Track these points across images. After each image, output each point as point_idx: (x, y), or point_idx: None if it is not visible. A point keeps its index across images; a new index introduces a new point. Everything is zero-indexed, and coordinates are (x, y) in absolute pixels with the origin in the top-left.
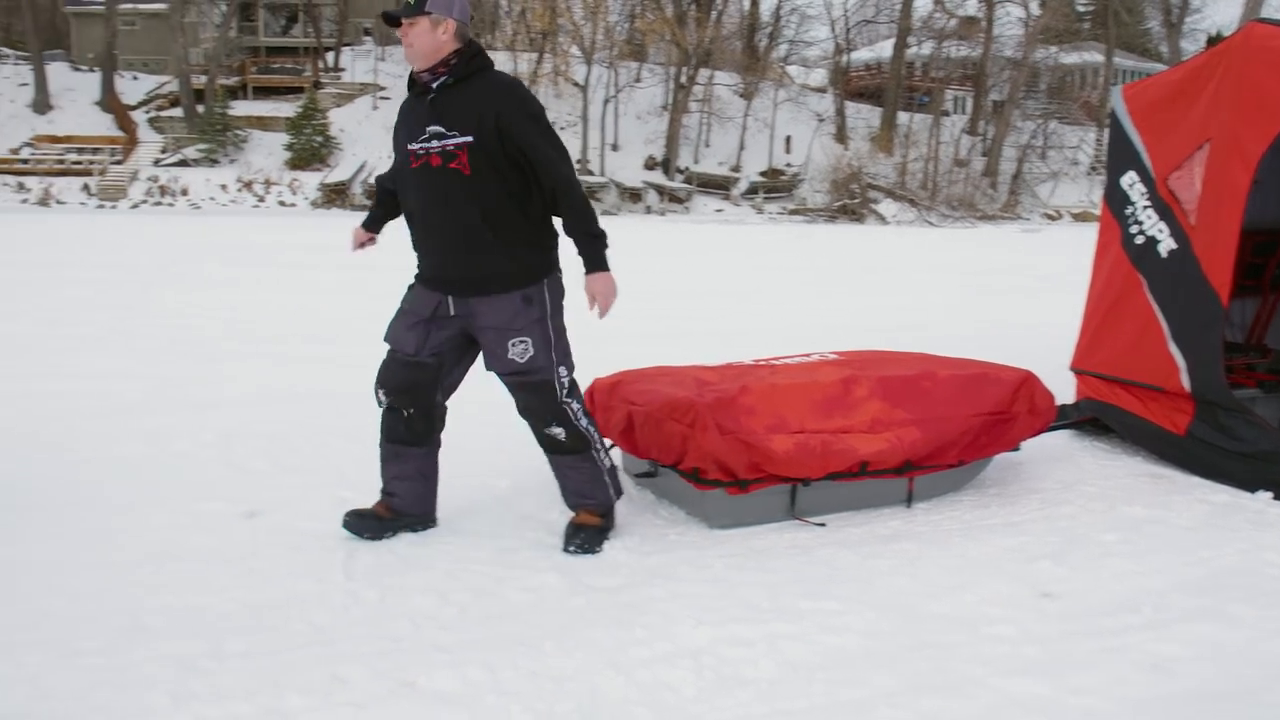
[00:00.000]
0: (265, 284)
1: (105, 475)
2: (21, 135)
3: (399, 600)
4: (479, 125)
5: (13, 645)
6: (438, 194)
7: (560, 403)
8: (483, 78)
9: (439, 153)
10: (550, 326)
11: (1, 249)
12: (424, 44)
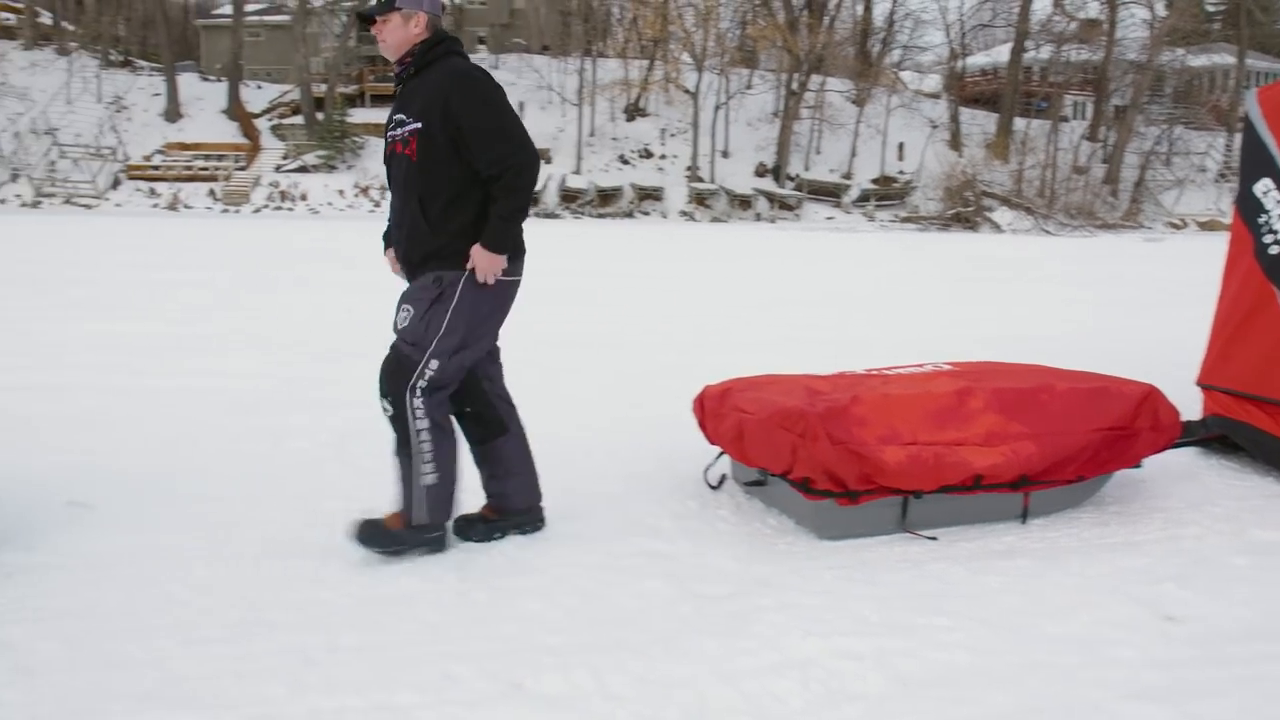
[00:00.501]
0: (381, 287)
1: (229, 471)
2: (154, 143)
3: (508, 602)
4: (428, 113)
5: (144, 630)
6: (396, 178)
7: (406, 386)
8: (441, 65)
9: (400, 139)
10: (445, 315)
11: (133, 252)
12: (395, 38)
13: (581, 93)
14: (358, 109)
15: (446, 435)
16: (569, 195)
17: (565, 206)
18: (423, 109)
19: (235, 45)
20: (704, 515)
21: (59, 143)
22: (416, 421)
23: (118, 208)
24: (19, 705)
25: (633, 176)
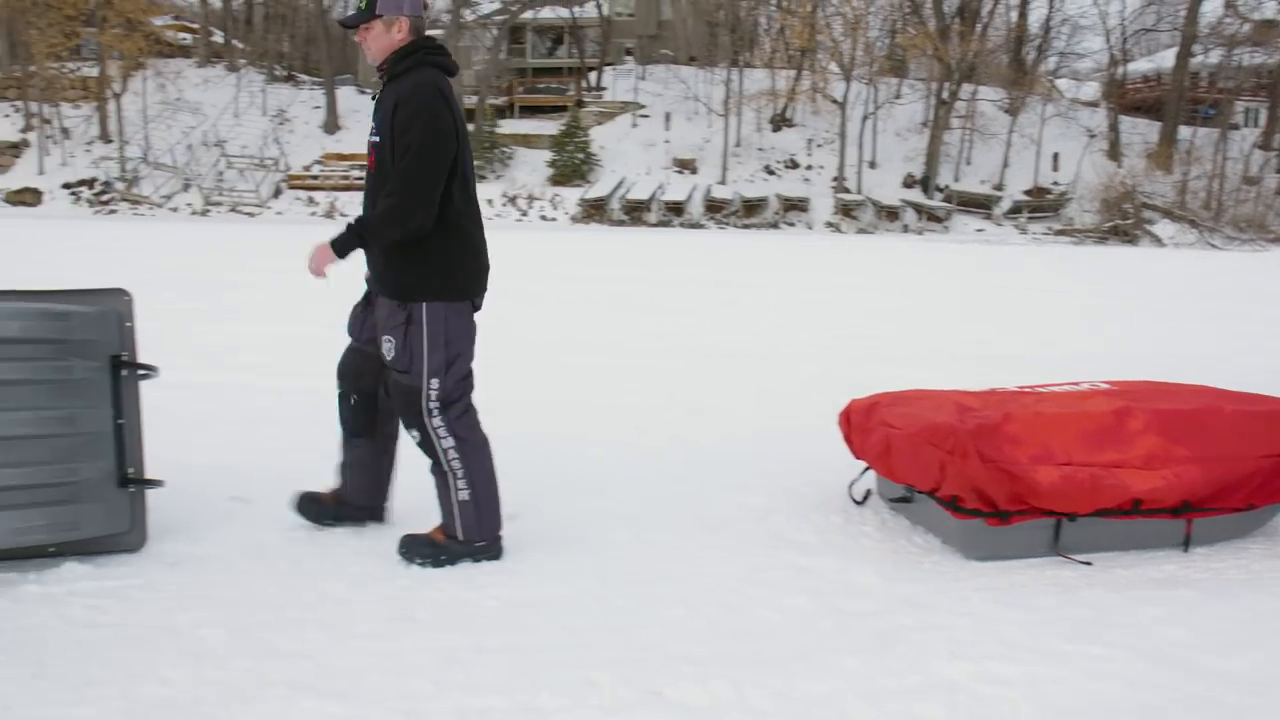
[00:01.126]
0: (531, 296)
1: None
2: (313, 154)
3: (649, 609)
4: (385, 126)
5: (298, 622)
6: (367, 189)
7: (422, 412)
8: (406, 78)
9: (370, 149)
10: (422, 337)
11: (293, 258)
12: (378, 45)
13: (728, 103)
14: (507, 120)
15: (474, 448)
16: (714, 206)
17: (710, 217)
18: (382, 122)
19: None
20: (848, 531)
21: (227, 154)
22: (441, 441)
23: (279, 215)
24: (184, 685)
25: (778, 187)
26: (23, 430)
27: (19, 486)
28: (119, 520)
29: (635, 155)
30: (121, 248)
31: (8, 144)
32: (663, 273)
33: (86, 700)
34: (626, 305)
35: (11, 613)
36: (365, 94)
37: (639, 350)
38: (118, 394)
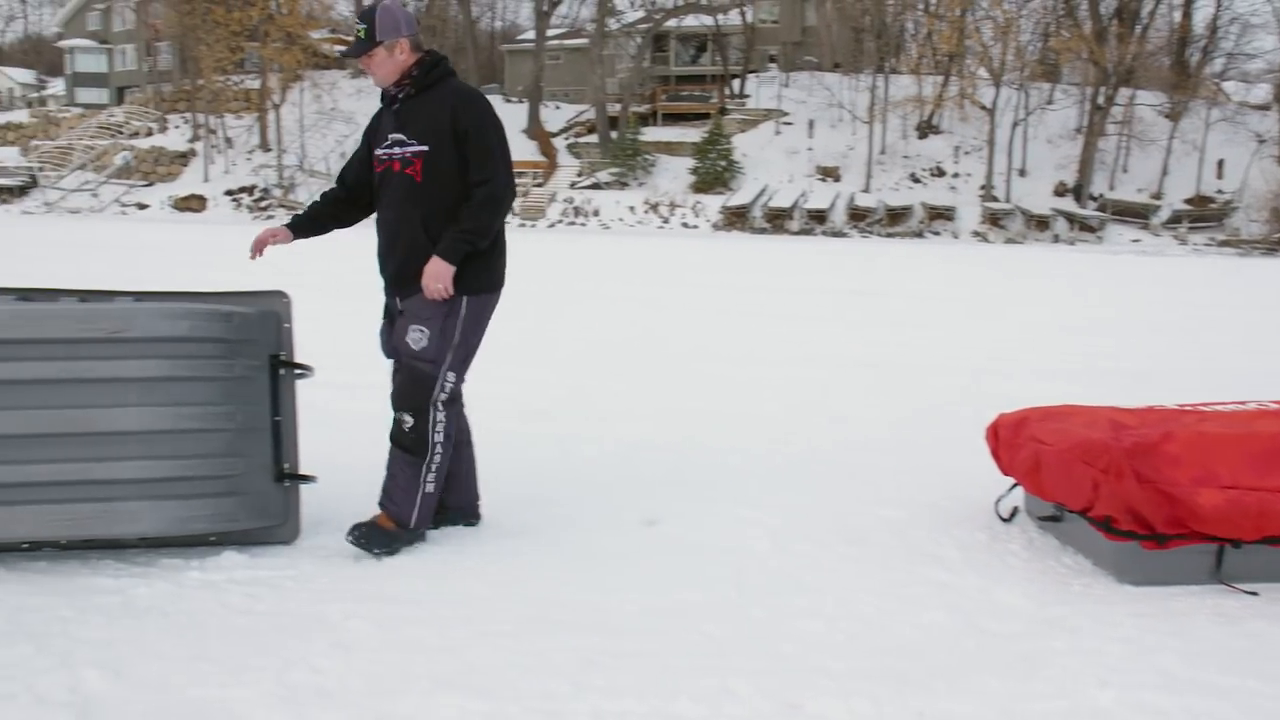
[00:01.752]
0: (670, 302)
1: (517, 475)
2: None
3: (787, 621)
4: (436, 135)
5: (443, 620)
6: (392, 197)
7: (429, 401)
8: (443, 87)
9: (399, 159)
10: (456, 330)
11: None
12: (385, 70)
13: (872, 110)
14: (650, 127)
15: (453, 446)
16: (857, 214)
17: (853, 225)
18: (427, 131)
19: (536, 68)
20: (993, 548)
21: None
22: (436, 434)
23: None
24: (333, 674)
25: (923, 195)
26: (189, 424)
27: (184, 478)
28: (274, 513)
29: (778, 163)
30: (278, 251)
31: (177, 153)
32: (803, 280)
33: (243, 683)
34: (766, 313)
35: (176, 596)
36: (511, 102)
37: (778, 359)
38: (276, 392)
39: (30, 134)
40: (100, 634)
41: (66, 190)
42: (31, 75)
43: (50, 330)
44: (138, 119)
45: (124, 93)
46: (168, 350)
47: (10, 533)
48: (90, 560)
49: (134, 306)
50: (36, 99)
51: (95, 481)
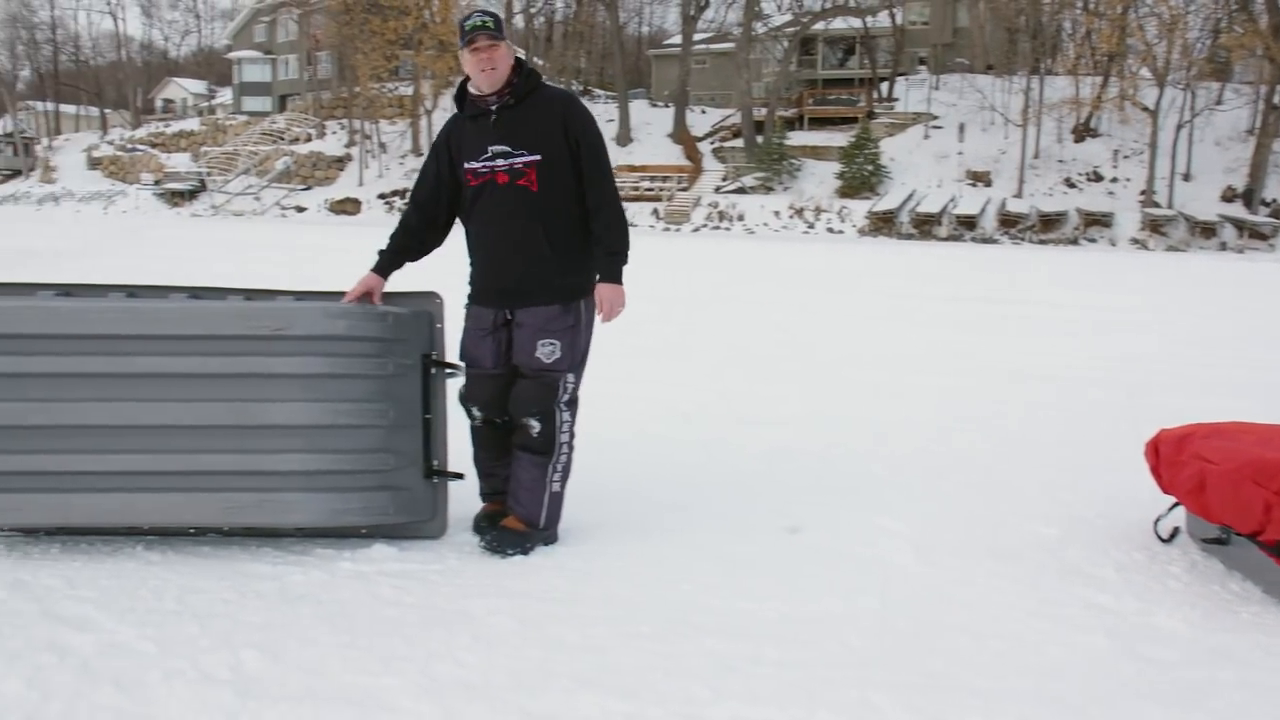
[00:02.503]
0: (817, 307)
1: (661, 477)
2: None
3: (934, 635)
4: (547, 143)
5: (586, 619)
6: (502, 210)
7: (555, 403)
8: (542, 94)
9: (505, 170)
10: (579, 337)
11: None
12: (503, 67)
13: (1026, 113)
14: (796, 131)
15: (574, 448)
16: (1008, 220)
17: (1004, 232)
18: (537, 140)
19: (682, 73)
20: (1152, 570)
21: None
22: (561, 435)
23: None
24: (476, 668)
25: (1079, 201)
26: (345, 420)
27: (339, 471)
28: (423, 509)
29: (926, 167)
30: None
31: (334, 158)
32: (952, 287)
33: (391, 672)
34: (914, 320)
35: (328, 585)
36: (657, 107)
37: (926, 367)
38: (427, 390)
39: (200, 141)
40: (259, 617)
41: (231, 194)
42: (203, 86)
43: (218, 327)
44: (298, 126)
45: (286, 101)
46: (326, 348)
47: (178, 518)
48: (250, 547)
49: (295, 305)
50: (206, 108)
51: (257, 472)
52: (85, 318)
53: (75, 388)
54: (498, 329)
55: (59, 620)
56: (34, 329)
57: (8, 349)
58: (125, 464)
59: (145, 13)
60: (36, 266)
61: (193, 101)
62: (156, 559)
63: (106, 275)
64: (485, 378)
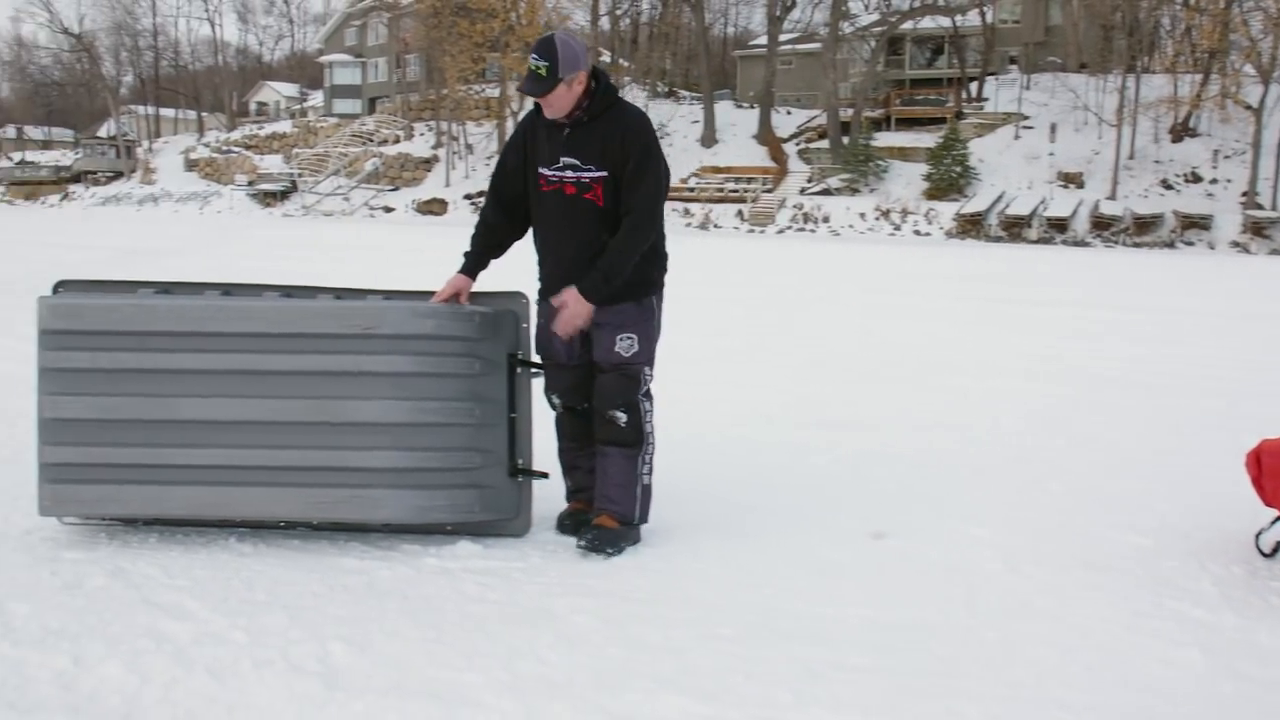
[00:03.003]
0: (902, 311)
1: (745, 480)
2: (690, 166)
3: (1020, 646)
4: (614, 161)
5: (667, 620)
6: (569, 219)
7: (638, 394)
8: (615, 112)
9: (573, 183)
10: (652, 331)
11: (679, 269)
12: (561, 104)
13: (1121, 112)
14: (882, 133)
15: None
16: (1101, 222)
17: (1096, 234)
18: (605, 157)
19: (768, 73)
20: (1252, 585)
21: None
22: (646, 425)
23: None
24: (560, 666)
25: (1175, 203)
26: (431, 418)
27: (426, 469)
28: (508, 507)
29: (1016, 168)
30: (513, 252)
31: (421, 159)
32: (1042, 291)
33: (475, 668)
34: (1003, 324)
35: (415, 581)
36: (742, 108)
37: (1016, 372)
38: (512, 390)
39: (292, 143)
40: (346, 611)
41: (321, 194)
42: (295, 89)
43: (309, 326)
44: (387, 127)
45: (375, 103)
46: (414, 347)
47: (271, 511)
48: (338, 541)
49: (384, 305)
50: (298, 110)
51: (346, 469)
52: (184, 315)
53: (173, 383)
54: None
55: (156, 607)
56: (135, 326)
57: (111, 345)
58: (220, 458)
59: (241, 18)
60: (137, 265)
61: (285, 104)
62: (248, 551)
63: (203, 273)
64: (561, 369)
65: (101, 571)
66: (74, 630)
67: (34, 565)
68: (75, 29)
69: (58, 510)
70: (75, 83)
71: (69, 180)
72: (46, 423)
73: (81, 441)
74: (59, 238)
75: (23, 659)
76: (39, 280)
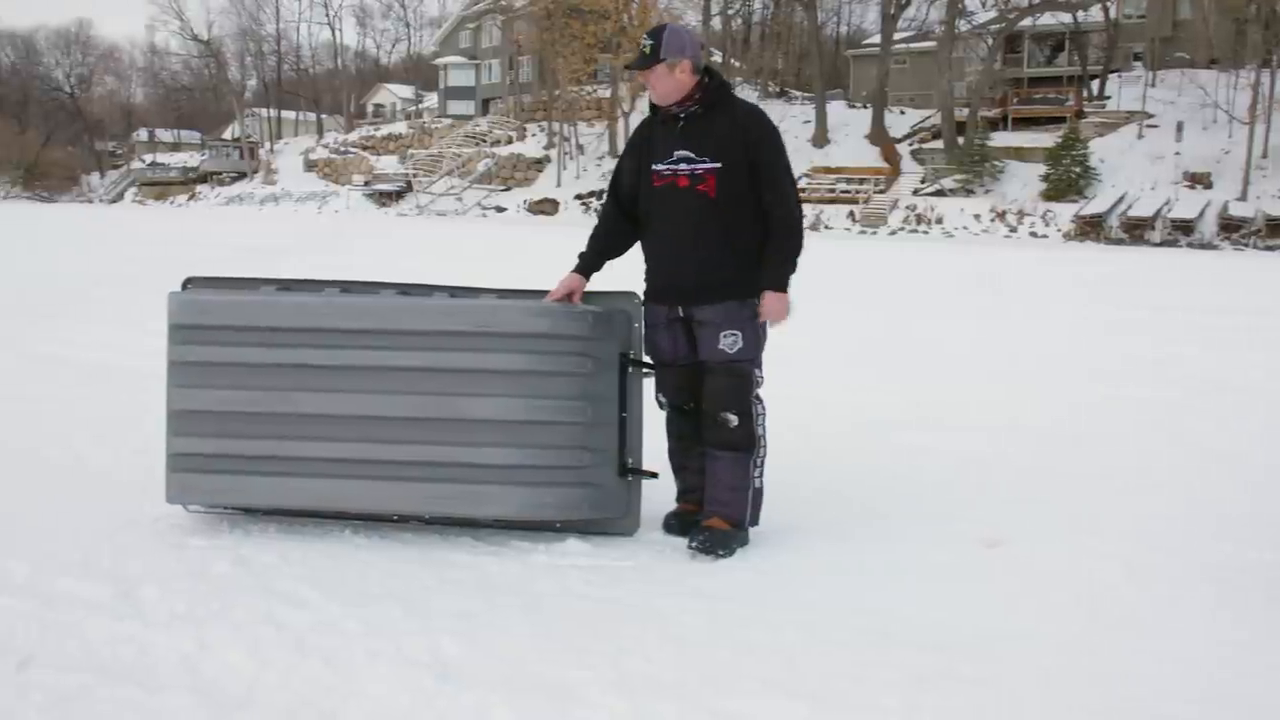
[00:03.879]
0: (1018, 314)
1: (857, 483)
2: (801, 167)
3: (1140, 661)
4: (728, 152)
5: (775, 623)
6: (682, 212)
7: (751, 396)
8: (728, 106)
9: (686, 175)
10: (759, 330)
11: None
12: (664, 86)
13: (1254, 109)
14: (999, 132)
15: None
16: (1230, 224)
17: (1224, 237)
18: (718, 148)
19: (881, 73)
20: None
21: None
22: (759, 428)
23: None
24: (667, 665)
25: None
26: (544, 416)
27: (537, 466)
28: (617, 506)
29: (1139, 168)
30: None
31: (533, 160)
32: (1166, 295)
33: (583, 665)
34: (1123, 329)
35: (523, 576)
36: (854, 108)
37: (1137, 378)
38: (623, 389)
39: (407, 144)
40: (457, 604)
41: (435, 194)
42: (411, 91)
43: (425, 323)
44: (499, 128)
45: (489, 104)
46: (528, 345)
47: (386, 505)
48: (449, 536)
49: (498, 303)
50: (414, 112)
51: (458, 464)
52: (305, 312)
53: (294, 377)
54: (671, 323)
55: (276, 595)
56: (259, 321)
57: (236, 340)
58: (338, 451)
59: (360, 22)
60: (260, 262)
61: (401, 106)
62: (363, 542)
63: (322, 271)
64: (667, 368)
65: (225, 559)
66: (199, 615)
67: (162, 551)
68: (204, 36)
69: (184, 498)
70: (203, 87)
71: (196, 181)
72: (175, 414)
73: (207, 433)
74: (186, 236)
75: (152, 640)
76: (168, 277)
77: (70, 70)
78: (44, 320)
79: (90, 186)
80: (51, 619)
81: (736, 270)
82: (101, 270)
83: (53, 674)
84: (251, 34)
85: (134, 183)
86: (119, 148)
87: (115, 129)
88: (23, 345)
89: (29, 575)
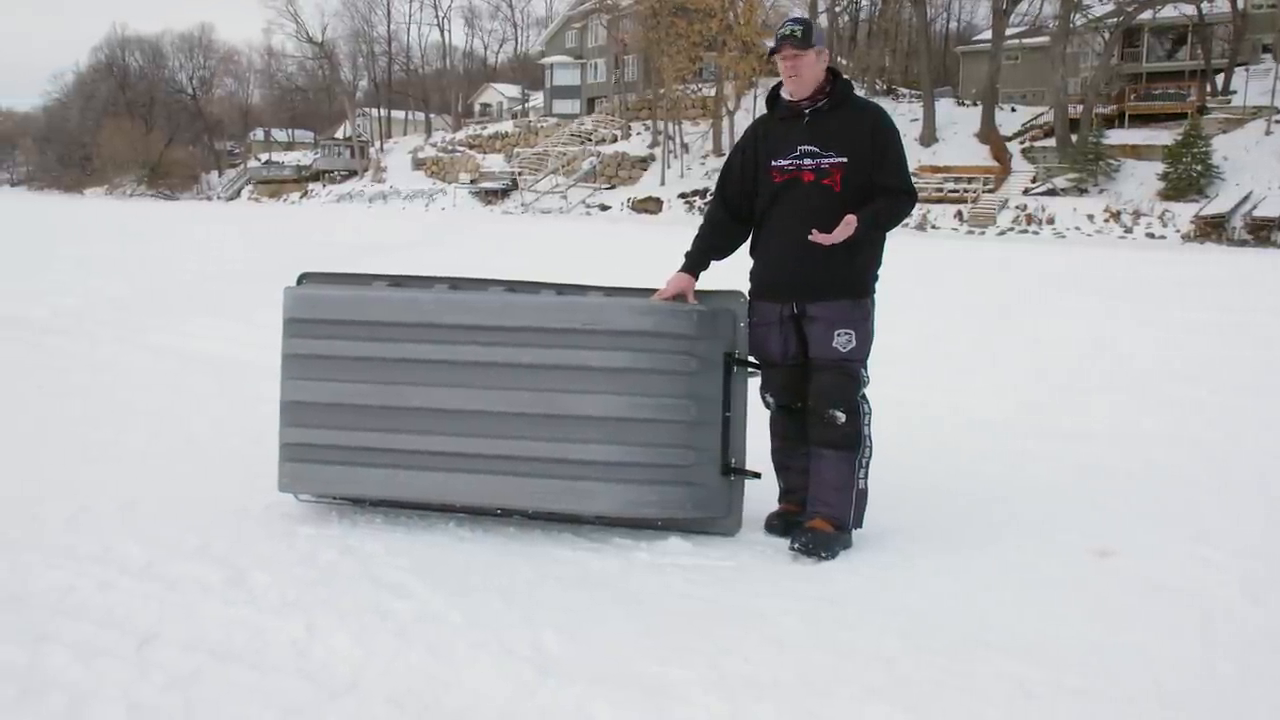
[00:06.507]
0: (1132, 317)
1: (964, 488)
2: (908, 165)
3: (1259, 683)
4: (855, 148)
5: (877, 629)
6: (803, 206)
7: (858, 395)
8: (855, 103)
9: (812, 170)
10: (869, 330)
11: (896, 269)
12: (811, 73)
13: None
14: (1115, 129)
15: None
16: None
17: None
18: (846, 144)
19: (992, 69)
20: None
21: None
22: (865, 428)
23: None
24: (765, 666)
25: None
26: (646, 414)
27: (640, 464)
28: (719, 505)
29: (1266, 166)
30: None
31: (637, 158)
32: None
33: (683, 664)
34: (1246, 335)
35: (624, 573)
36: (963, 106)
37: (1260, 387)
38: (727, 388)
39: (513, 142)
40: (558, 599)
41: (540, 193)
42: (518, 90)
43: (533, 320)
44: (604, 127)
45: (594, 103)
46: (633, 343)
47: (490, 499)
48: (551, 531)
49: (605, 301)
50: (520, 111)
51: (563, 460)
52: (415, 307)
53: (404, 371)
54: (784, 322)
55: (381, 585)
56: (371, 316)
57: (348, 334)
58: (444, 445)
59: (468, 23)
60: (370, 258)
61: (508, 105)
62: (466, 535)
63: (431, 268)
64: (775, 368)
65: (333, 547)
66: (307, 601)
67: (273, 539)
68: (318, 38)
69: (295, 488)
70: (316, 88)
71: (308, 179)
72: (288, 405)
73: (319, 424)
74: (300, 232)
75: (263, 625)
76: (283, 272)
77: (193, 73)
78: (163, 314)
79: (209, 185)
80: (169, 601)
81: (852, 267)
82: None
83: (171, 654)
84: (363, 35)
85: (250, 181)
86: (236, 147)
87: (233, 129)
88: (143, 337)
89: (148, 559)
